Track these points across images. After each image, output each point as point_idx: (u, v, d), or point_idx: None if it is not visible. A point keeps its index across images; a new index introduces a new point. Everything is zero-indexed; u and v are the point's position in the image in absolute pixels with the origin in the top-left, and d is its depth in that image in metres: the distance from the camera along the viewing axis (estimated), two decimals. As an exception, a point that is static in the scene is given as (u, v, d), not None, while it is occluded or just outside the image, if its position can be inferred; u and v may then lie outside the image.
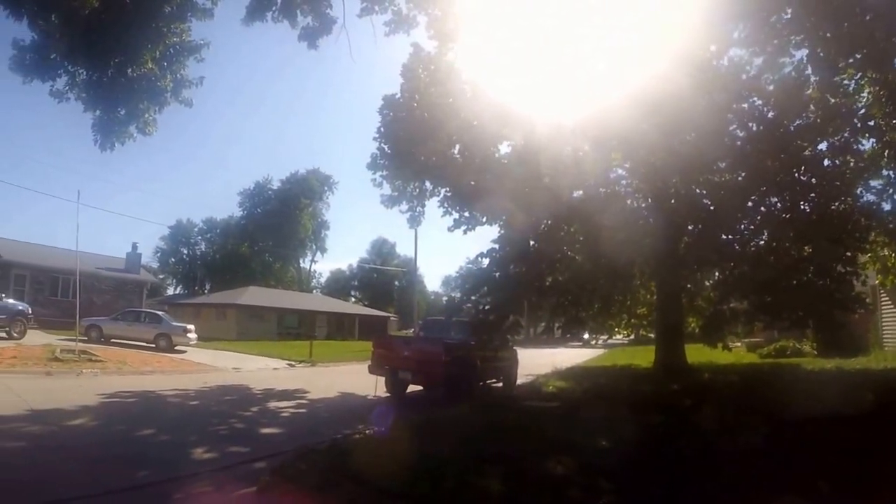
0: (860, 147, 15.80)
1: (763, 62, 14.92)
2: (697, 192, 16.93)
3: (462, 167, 18.07)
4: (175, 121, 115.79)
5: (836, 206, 15.58)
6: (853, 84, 15.13)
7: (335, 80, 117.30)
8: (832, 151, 15.92)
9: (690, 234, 17.31)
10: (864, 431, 7.36)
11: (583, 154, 16.55)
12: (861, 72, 14.42)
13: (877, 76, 14.00)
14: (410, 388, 15.11)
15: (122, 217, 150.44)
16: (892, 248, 16.97)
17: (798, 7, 12.51)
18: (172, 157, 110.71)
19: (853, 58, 13.33)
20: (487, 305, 17.89)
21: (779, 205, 16.33)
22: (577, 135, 16.00)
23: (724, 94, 14.91)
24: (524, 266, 17.33)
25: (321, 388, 15.90)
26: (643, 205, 18.41)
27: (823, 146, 16.06)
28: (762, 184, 15.65)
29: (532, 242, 17.41)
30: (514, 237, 17.28)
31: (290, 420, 11.24)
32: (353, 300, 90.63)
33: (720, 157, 15.82)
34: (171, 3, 10.78)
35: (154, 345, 24.82)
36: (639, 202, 18.65)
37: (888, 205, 16.21)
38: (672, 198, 16.83)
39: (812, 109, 15.57)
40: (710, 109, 14.39)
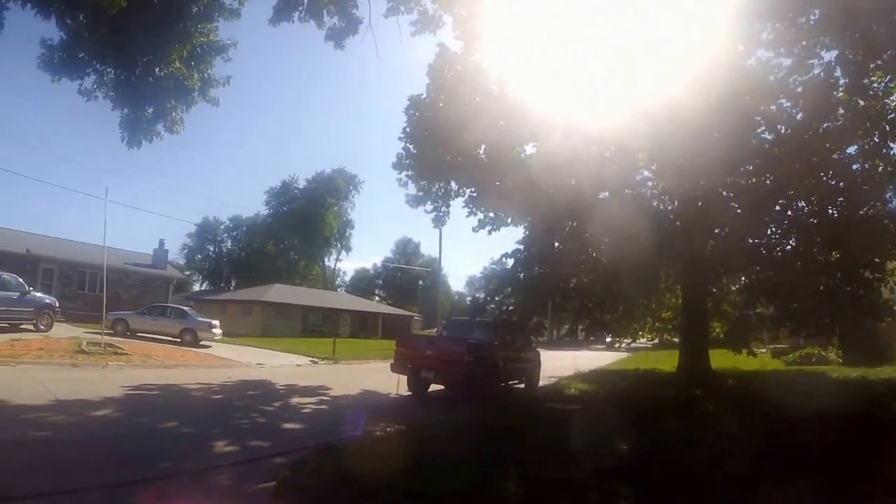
0: (889, 151, 15.45)
1: (791, 63, 14.71)
2: (724, 195, 16.72)
3: (487, 167, 18.05)
4: (203, 120, 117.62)
5: (865, 212, 15.29)
6: (882, 86, 14.82)
7: (361, 80, 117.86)
8: (861, 155, 15.60)
9: (717, 238, 17.07)
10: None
11: (609, 155, 16.43)
12: (890, 74, 14.14)
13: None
14: (432, 388, 15.12)
15: (150, 214, 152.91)
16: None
17: (827, 8, 12.30)
18: (200, 156, 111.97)
19: (882, 59, 13.07)
20: (511, 306, 17.85)
21: (806, 209, 16.07)
22: (603, 135, 15.87)
23: (752, 96, 14.70)
24: (548, 267, 17.25)
25: (343, 386, 15.96)
26: (669, 207, 18.22)
27: (852, 150, 15.75)
28: (790, 187, 15.41)
29: (556, 244, 17.33)
30: (539, 238, 17.22)
31: (312, 416, 11.28)
32: (378, 299, 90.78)
33: (747, 160, 15.62)
34: (199, 4, 10.94)
35: (179, 339, 25.06)
36: (665, 204, 18.46)
37: (917, 210, 15.83)
38: (699, 200, 16.61)
39: (841, 112, 15.25)
40: (738, 111, 14.19)
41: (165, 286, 41.56)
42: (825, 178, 15.39)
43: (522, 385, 16.72)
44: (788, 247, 16.55)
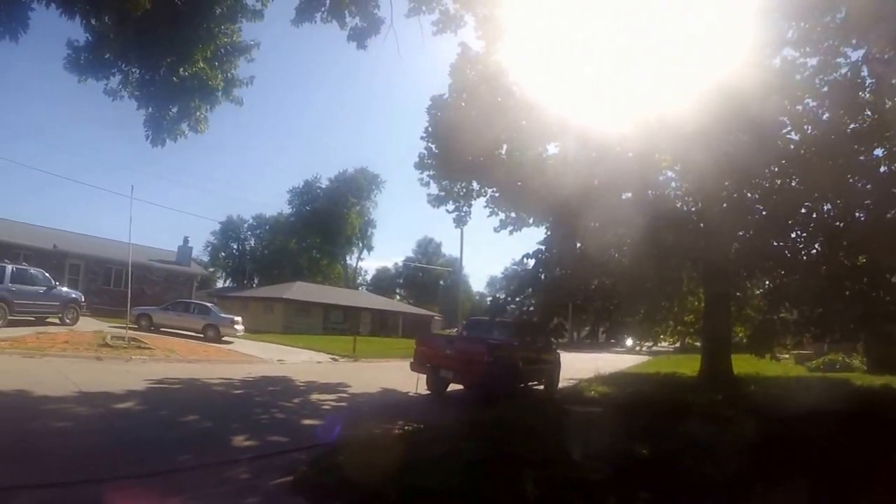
0: (917, 153, 15.15)
1: (817, 63, 14.46)
2: (749, 197, 16.47)
3: (509, 167, 17.99)
4: (227, 119, 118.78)
5: (893, 215, 14.95)
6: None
7: (384, 80, 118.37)
8: (888, 157, 15.27)
9: (741, 241, 16.78)
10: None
11: (632, 156, 16.28)
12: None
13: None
14: (451, 387, 15.12)
15: (174, 212, 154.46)
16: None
17: (853, 6, 12.09)
18: (224, 155, 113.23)
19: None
20: (532, 307, 17.77)
21: (832, 212, 15.75)
22: (626, 136, 15.73)
23: (778, 96, 14.47)
24: (570, 268, 17.15)
25: (363, 383, 16.04)
26: (693, 208, 18.01)
27: (879, 152, 15.41)
28: (815, 190, 15.13)
29: (578, 245, 17.21)
30: (560, 239, 17.11)
31: (331, 413, 11.35)
32: (398, 298, 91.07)
33: (772, 161, 15.36)
34: (222, 5, 11.05)
35: (202, 335, 25.35)
36: (688, 206, 18.24)
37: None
38: (723, 202, 16.38)
39: (867, 113, 14.95)
40: (764, 111, 13.99)
41: (189, 283, 42.02)
42: (852, 181, 15.09)
43: (542, 386, 16.64)
44: (814, 250, 16.23)
